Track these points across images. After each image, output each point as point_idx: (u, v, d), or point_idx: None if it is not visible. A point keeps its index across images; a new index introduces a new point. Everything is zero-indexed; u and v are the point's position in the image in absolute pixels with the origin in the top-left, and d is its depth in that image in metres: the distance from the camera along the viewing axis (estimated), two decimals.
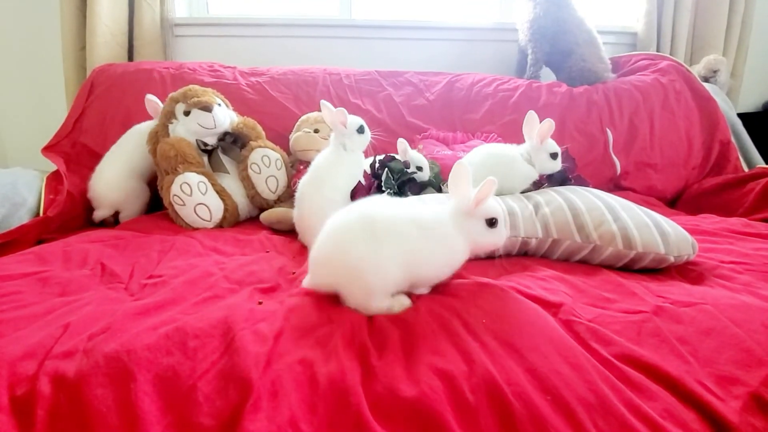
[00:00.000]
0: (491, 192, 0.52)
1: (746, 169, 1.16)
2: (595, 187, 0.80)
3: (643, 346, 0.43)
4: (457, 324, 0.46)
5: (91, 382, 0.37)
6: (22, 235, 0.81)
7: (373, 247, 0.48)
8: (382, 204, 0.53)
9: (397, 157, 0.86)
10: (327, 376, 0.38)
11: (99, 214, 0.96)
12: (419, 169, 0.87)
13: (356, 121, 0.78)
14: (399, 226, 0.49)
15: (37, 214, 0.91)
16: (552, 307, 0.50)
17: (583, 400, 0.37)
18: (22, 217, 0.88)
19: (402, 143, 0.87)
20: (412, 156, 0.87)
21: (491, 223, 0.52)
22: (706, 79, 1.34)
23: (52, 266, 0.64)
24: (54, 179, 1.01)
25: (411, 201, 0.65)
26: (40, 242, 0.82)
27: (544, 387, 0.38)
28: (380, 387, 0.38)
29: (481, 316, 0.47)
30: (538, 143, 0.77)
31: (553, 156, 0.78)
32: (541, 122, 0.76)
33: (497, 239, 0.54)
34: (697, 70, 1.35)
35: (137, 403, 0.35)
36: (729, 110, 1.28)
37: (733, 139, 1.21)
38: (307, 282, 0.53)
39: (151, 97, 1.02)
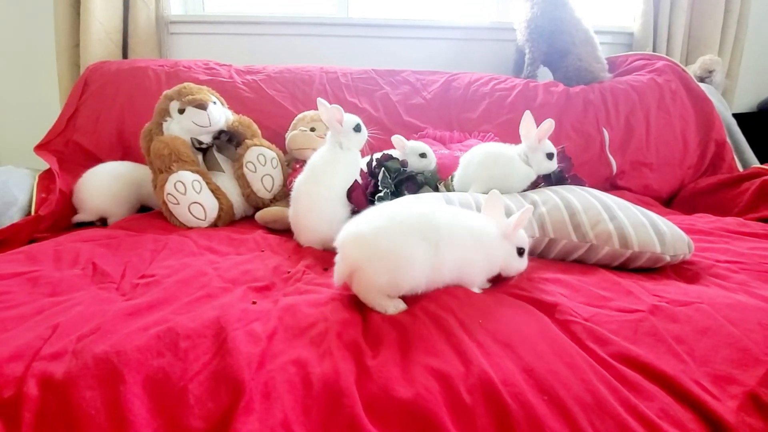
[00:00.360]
0: (527, 220, 0.56)
1: (741, 169, 1.17)
2: (591, 186, 0.80)
3: (639, 346, 0.43)
4: (453, 323, 0.45)
5: (80, 384, 0.36)
6: (13, 234, 0.79)
7: (431, 250, 0.50)
8: (444, 209, 0.56)
9: (394, 156, 0.85)
10: (321, 377, 0.37)
11: (78, 217, 0.94)
12: (423, 156, 0.86)
13: (353, 119, 0.78)
14: (459, 234, 0.52)
15: (29, 213, 0.90)
16: (548, 307, 0.50)
17: (580, 401, 0.36)
18: (13, 216, 0.87)
19: (398, 138, 0.87)
20: (413, 145, 0.87)
21: (520, 252, 0.57)
22: (702, 80, 1.34)
23: (43, 266, 0.63)
24: (46, 178, 0.99)
25: (464, 208, 0.67)
26: (32, 242, 0.81)
27: (540, 387, 0.37)
28: (375, 388, 0.38)
29: (477, 315, 0.47)
30: (536, 143, 0.77)
31: (549, 156, 0.78)
32: (539, 123, 0.76)
33: (521, 267, 0.58)
34: (692, 70, 1.35)
35: (126, 406, 0.34)
36: (724, 110, 1.28)
37: (728, 139, 1.21)
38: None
39: None
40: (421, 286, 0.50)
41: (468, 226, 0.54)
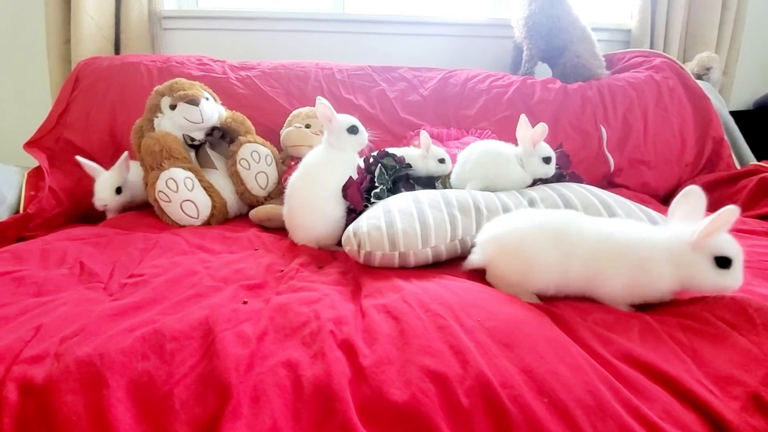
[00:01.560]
0: (727, 224, 0.44)
1: (738, 167, 1.17)
2: (588, 183, 0.79)
3: (641, 345, 0.42)
4: (451, 321, 0.44)
5: (61, 389, 0.35)
6: (0, 232, 0.78)
7: (561, 258, 0.50)
8: (584, 219, 0.53)
9: (390, 153, 0.84)
10: (312, 380, 0.36)
11: None
12: (441, 161, 0.86)
13: (346, 120, 0.76)
14: (588, 243, 0.50)
15: (17, 211, 0.88)
16: (547, 305, 0.49)
17: (581, 402, 0.35)
18: (1, 215, 0.85)
19: (425, 136, 0.85)
20: (435, 150, 0.86)
21: (721, 262, 0.43)
22: (699, 77, 1.34)
23: (29, 265, 0.61)
24: (35, 175, 0.97)
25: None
26: (20, 240, 0.79)
27: (540, 389, 0.36)
28: (369, 390, 0.36)
29: (476, 314, 0.45)
30: (531, 147, 0.75)
31: (546, 160, 0.75)
32: (537, 120, 0.74)
33: (728, 284, 0.44)
34: (690, 67, 1.34)
35: (110, 411, 0.33)
36: (721, 108, 1.28)
37: (725, 137, 1.21)
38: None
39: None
40: (550, 289, 0.51)
41: (609, 238, 0.49)
